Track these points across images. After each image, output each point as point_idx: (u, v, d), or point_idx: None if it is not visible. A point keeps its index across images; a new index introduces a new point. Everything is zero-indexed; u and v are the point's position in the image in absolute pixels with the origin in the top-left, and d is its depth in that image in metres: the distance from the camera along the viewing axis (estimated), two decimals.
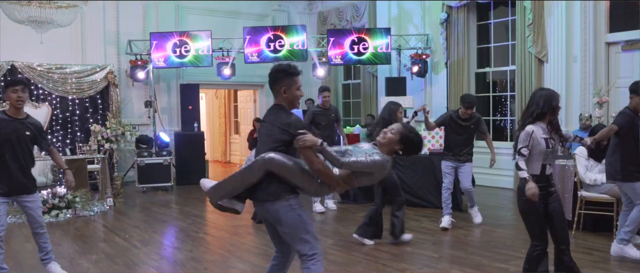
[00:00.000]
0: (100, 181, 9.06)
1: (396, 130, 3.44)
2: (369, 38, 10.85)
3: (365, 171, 3.25)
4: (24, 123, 4.63)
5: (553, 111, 4.00)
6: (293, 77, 3.38)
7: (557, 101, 4.00)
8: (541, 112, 3.97)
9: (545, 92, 4.06)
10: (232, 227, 7.16)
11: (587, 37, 8.50)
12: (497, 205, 8.41)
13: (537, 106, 3.98)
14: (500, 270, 4.95)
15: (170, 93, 12.23)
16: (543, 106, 3.96)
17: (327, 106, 7.90)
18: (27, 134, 4.61)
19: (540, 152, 3.96)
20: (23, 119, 4.65)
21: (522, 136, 3.96)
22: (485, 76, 10.57)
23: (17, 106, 4.57)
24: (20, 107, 4.59)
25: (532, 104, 4.03)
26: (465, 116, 6.53)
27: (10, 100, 4.55)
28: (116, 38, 11.41)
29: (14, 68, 10.02)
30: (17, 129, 4.55)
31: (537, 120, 3.98)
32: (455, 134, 6.61)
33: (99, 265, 5.37)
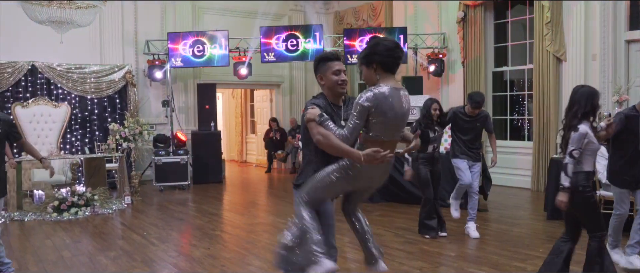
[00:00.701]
0: (119, 179, 9.16)
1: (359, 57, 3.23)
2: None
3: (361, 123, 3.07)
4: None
5: (594, 110, 3.98)
6: (326, 62, 3.30)
7: (598, 99, 3.99)
8: (585, 111, 3.94)
9: (586, 89, 4.03)
10: (248, 225, 7.20)
11: (606, 35, 8.40)
12: (515, 204, 8.35)
13: (579, 105, 3.96)
14: (517, 269, 4.92)
15: (187, 93, 12.32)
16: (585, 105, 3.94)
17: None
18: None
19: (593, 151, 3.98)
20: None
21: (576, 137, 3.89)
22: (502, 75, 10.50)
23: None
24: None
25: (575, 103, 3.99)
26: (472, 114, 6.40)
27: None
28: (134, 38, 11.52)
29: (35, 68, 10.17)
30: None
31: (584, 119, 3.95)
32: (460, 132, 6.37)
33: (117, 262, 5.43)
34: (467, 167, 6.37)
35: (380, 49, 3.04)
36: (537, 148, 9.28)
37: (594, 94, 3.98)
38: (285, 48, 10.96)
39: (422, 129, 6.10)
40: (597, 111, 4.04)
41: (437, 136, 6.30)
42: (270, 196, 10.02)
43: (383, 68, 3.07)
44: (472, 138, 6.41)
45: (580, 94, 3.99)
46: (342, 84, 3.28)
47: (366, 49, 3.13)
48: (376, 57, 3.06)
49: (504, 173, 9.79)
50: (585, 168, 3.99)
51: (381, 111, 3.01)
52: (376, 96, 3.00)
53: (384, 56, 3.04)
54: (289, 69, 13.59)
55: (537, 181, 9.28)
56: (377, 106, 3.00)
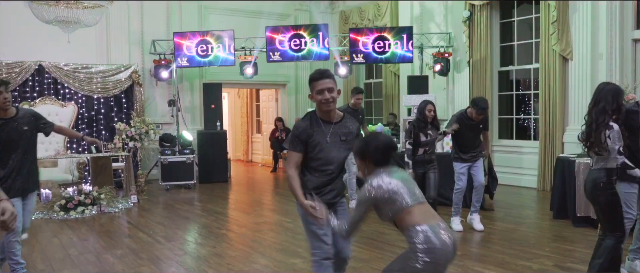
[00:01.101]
0: (125, 178, 9.19)
1: (354, 152, 3.20)
2: (390, 37, 10.84)
3: (361, 214, 3.05)
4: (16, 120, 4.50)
5: (619, 108, 3.98)
6: (312, 82, 3.45)
7: (622, 97, 3.99)
8: (613, 108, 3.94)
9: (611, 87, 4.03)
10: (254, 224, 7.21)
11: (613, 34, 8.36)
12: (521, 204, 8.33)
13: (607, 102, 3.95)
14: (523, 267, 4.91)
15: (193, 92, 12.35)
16: (612, 102, 3.94)
17: (358, 107, 8.01)
18: (25, 130, 4.53)
19: (622, 148, 3.98)
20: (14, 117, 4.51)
21: (616, 135, 3.92)
22: (508, 74, 10.47)
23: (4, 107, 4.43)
24: (7, 108, 4.44)
25: (601, 99, 3.98)
26: (476, 119, 6.42)
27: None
28: (140, 38, 11.56)
29: (42, 68, 10.23)
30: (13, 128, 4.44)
31: (614, 116, 3.96)
32: (464, 135, 6.44)
33: (124, 260, 5.45)
34: (466, 172, 6.46)
35: (371, 149, 3.04)
36: (543, 147, 9.26)
37: (620, 93, 3.99)
38: (290, 48, 10.97)
39: (414, 131, 6.09)
40: (621, 110, 4.02)
41: (430, 141, 6.27)
42: (275, 196, 10.03)
43: (374, 164, 3.04)
44: (473, 139, 6.48)
45: (606, 92, 3.98)
46: (325, 102, 3.40)
47: (361, 144, 3.14)
48: (368, 155, 3.07)
49: (510, 172, 9.78)
50: (608, 164, 3.99)
51: (386, 199, 2.93)
52: (376, 188, 2.94)
53: (374, 155, 3.04)
54: (294, 69, 13.61)
55: (543, 181, 9.25)
56: (380, 196, 2.94)
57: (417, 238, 2.81)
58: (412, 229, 2.85)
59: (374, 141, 3.07)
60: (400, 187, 2.90)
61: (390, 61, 11.16)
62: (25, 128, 4.53)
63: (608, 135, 3.91)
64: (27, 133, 4.55)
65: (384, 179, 2.92)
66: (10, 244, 4.44)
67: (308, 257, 5.43)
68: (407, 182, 2.97)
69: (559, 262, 5.00)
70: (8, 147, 4.43)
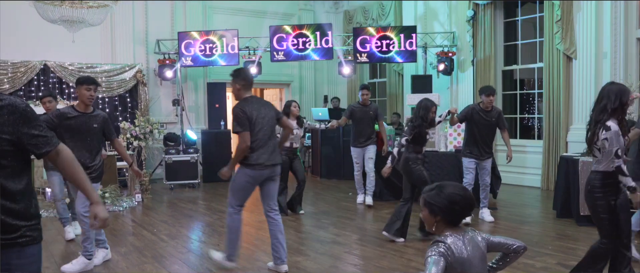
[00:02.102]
0: (129, 177, 9.23)
1: (421, 204, 2.62)
2: (394, 36, 10.84)
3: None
4: (91, 116, 5.02)
5: (623, 107, 3.90)
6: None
7: (627, 97, 3.90)
8: (614, 107, 3.86)
9: (616, 87, 3.96)
10: (258, 222, 7.23)
11: (617, 33, 8.35)
12: (524, 203, 8.32)
13: (609, 100, 3.88)
14: (525, 265, 4.91)
15: (197, 92, 12.39)
16: (614, 101, 3.86)
17: (367, 103, 8.08)
18: (94, 127, 5.00)
19: (623, 150, 3.89)
20: (90, 113, 5.02)
21: (613, 136, 3.79)
22: (512, 73, 10.46)
23: (87, 103, 4.94)
24: (88, 104, 4.97)
25: (603, 98, 3.92)
26: (488, 106, 6.50)
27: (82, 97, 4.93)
28: (145, 37, 11.61)
29: (47, 67, 10.28)
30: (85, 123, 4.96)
31: (612, 116, 3.87)
32: (478, 128, 6.58)
33: (128, 258, 5.48)
34: (474, 168, 6.54)
35: (449, 205, 2.51)
36: (547, 146, 9.24)
37: (624, 92, 3.89)
38: (294, 47, 10.99)
39: (418, 130, 5.95)
40: (626, 109, 3.94)
41: (428, 141, 6.32)
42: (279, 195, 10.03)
43: (446, 223, 2.56)
44: (487, 135, 6.58)
45: (608, 90, 3.92)
46: None
47: (435, 195, 2.57)
48: (441, 212, 2.55)
49: (513, 171, 9.77)
50: (601, 167, 3.90)
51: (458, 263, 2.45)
52: (451, 252, 2.43)
53: (451, 214, 2.54)
54: (298, 69, 13.63)
55: (547, 180, 9.24)
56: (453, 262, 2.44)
57: None
58: None
59: (440, 194, 2.52)
60: (474, 260, 2.45)
61: (394, 60, 11.16)
62: (95, 126, 4.99)
63: (605, 136, 3.81)
64: (96, 130, 5.03)
65: (459, 244, 2.44)
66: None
67: (311, 255, 5.46)
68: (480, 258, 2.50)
69: (562, 260, 5.00)
70: (74, 138, 4.88)
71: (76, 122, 4.90)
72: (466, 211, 2.52)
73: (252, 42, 11.36)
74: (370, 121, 8.11)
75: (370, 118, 8.10)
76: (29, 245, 2.24)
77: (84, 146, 4.93)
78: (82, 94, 4.88)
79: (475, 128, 6.60)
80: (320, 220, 7.24)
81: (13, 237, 2.18)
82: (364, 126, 8.07)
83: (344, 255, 5.42)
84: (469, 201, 2.52)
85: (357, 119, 8.06)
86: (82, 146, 4.90)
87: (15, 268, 2.20)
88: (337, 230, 6.59)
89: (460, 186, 2.60)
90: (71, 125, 4.89)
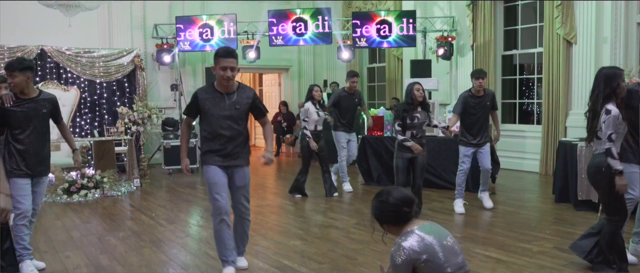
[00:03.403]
0: (128, 162, 9.22)
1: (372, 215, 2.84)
2: (394, 21, 10.78)
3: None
4: (37, 100, 4.51)
5: (614, 91, 3.92)
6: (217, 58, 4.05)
7: (617, 82, 3.92)
8: (605, 95, 3.91)
9: (605, 72, 4.01)
10: (255, 207, 7.22)
11: (617, 17, 8.29)
12: (523, 188, 8.32)
13: (599, 89, 3.94)
14: (523, 249, 4.91)
15: (195, 76, 12.34)
16: (604, 88, 3.92)
17: (353, 90, 7.99)
18: (43, 112, 4.54)
19: (622, 133, 3.95)
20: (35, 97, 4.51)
21: (611, 120, 3.84)
22: (512, 58, 10.42)
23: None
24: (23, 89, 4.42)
25: (596, 87, 3.98)
26: (480, 90, 6.41)
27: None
28: (142, 22, 11.53)
29: (44, 52, 10.22)
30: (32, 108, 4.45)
31: (607, 101, 3.91)
32: (472, 115, 6.46)
33: (126, 242, 5.49)
34: (470, 156, 6.49)
35: (387, 212, 2.74)
36: (546, 131, 9.23)
37: (613, 76, 3.92)
38: (293, 32, 10.92)
39: (403, 114, 5.97)
40: (619, 92, 3.96)
41: (418, 123, 6.03)
42: (278, 179, 10.06)
43: (396, 224, 2.75)
44: (482, 120, 6.47)
45: (598, 78, 3.98)
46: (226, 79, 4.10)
47: (374, 209, 2.82)
48: (386, 219, 2.77)
49: (512, 156, 9.77)
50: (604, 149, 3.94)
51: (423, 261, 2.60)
52: (409, 251, 2.60)
53: (392, 217, 2.74)
54: (297, 53, 13.57)
55: (546, 165, 9.24)
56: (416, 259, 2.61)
57: None
58: None
59: (387, 203, 2.72)
60: (436, 245, 2.58)
61: (393, 45, 11.11)
62: (43, 111, 4.53)
63: (604, 120, 3.87)
64: (45, 115, 4.56)
65: (416, 238, 2.59)
66: (18, 228, 4.39)
67: (309, 239, 5.47)
68: (442, 240, 2.63)
69: (559, 244, 5.00)
70: (23, 126, 4.42)
71: (22, 109, 4.40)
72: (407, 207, 2.68)
73: (250, 26, 11.29)
74: (355, 108, 8.12)
75: (355, 105, 8.08)
76: None
77: (31, 133, 4.46)
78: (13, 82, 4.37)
79: (470, 114, 6.48)
80: (318, 205, 7.25)
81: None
82: (350, 113, 8.00)
83: (341, 239, 5.43)
84: (404, 198, 2.70)
85: (344, 108, 7.94)
86: (33, 135, 4.47)
87: None
88: (334, 215, 6.59)
89: (392, 189, 2.79)
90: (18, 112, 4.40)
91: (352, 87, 8.01)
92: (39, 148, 4.52)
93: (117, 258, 4.91)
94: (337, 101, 7.96)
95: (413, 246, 2.56)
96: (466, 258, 2.76)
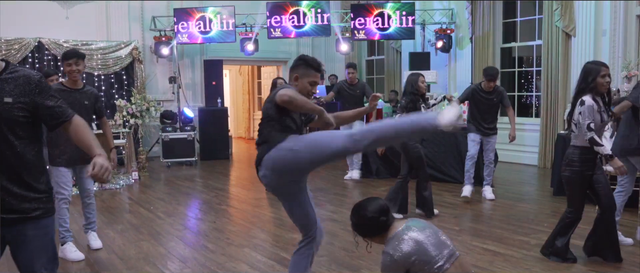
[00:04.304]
0: (126, 155, 9.20)
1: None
2: (392, 13, 10.75)
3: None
4: (82, 92, 4.74)
5: (594, 86, 4.03)
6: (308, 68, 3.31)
7: (593, 76, 4.03)
8: (580, 88, 4.07)
9: (584, 67, 4.14)
10: (254, 199, 7.24)
11: (616, 10, 8.27)
12: (521, 180, 8.33)
13: (578, 83, 4.13)
14: (521, 242, 4.92)
15: (194, 69, 12.31)
16: (581, 81, 4.09)
17: (354, 81, 8.05)
18: (85, 104, 4.72)
19: (595, 125, 4.00)
20: (80, 89, 4.75)
21: (586, 110, 3.97)
22: (511, 51, 10.40)
23: (72, 78, 4.67)
24: (76, 79, 4.69)
25: (578, 82, 4.15)
26: (489, 89, 6.51)
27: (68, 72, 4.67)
28: (140, 14, 11.49)
29: (41, 45, 10.18)
30: (76, 99, 4.64)
31: (582, 94, 4.05)
32: (478, 108, 6.63)
33: (124, 235, 5.49)
34: (478, 141, 6.58)
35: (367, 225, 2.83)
36: (544, 124, 9.23)
37: (591, 71, 4.07)
38: (292, 24, 10.89)
39: (412, 105, 5.97)
40: (604, 86, 4.05)
41: None
42: None
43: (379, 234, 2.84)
44: (489, 114, 6.58)
45: (580, 73, 4.16)
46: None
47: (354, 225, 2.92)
48: (368, 232, 2.87)
49: (511, 149, 9.74)
50: (578, 142, 4.08)
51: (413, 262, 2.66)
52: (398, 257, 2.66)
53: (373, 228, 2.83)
54: (296, 46, 13.51)
55: (544, 158, 9.24)
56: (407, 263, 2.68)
57: None
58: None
59: (365, 217, 2.79)
60: (424, 241, 2.64)
61: (392, 37, 11.09)
62: (85, 103, 4.72)
63: (579, 110, 4.00)
64: (87, 107, 4.73)
65: (405, 242, 2.64)
66: (61, 210, 4.63)
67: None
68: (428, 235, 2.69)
69: None
70: None
71: (66, 99, 4.68)
72: (384, 216, 2.75)
73: (249, 18, 11.25)
74: (358, 99, 8.10)
75: (357, 96, 8.10)
76: (43, 217, 2.35)
77: None
78: (70, 70, 4.61)
79: (476, 107, 6.65)
80: (316, 198, 7.22)
81: (29, 209, 2.30)
82: (352, 105, 7.92)
83: (340, 232, 5.43)
84: (380, 208, 2.76)
85: (345, 98, 8.09)
86: None
87: (31, 239, 2.33)
88: (333, 207, 6.59)
89: (365, 203, 2.84)
90: None
91: (352, 78, 8.05)
92: None
93: (116, 251, 4.91)
94: (339, 90, 8.17)
95: (404, 251, 2.62)
96: (464, 251, 2.77)
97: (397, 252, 2.62)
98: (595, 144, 3.93)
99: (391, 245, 2.66)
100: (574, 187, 4.15)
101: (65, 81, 4.78)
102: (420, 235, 2.64)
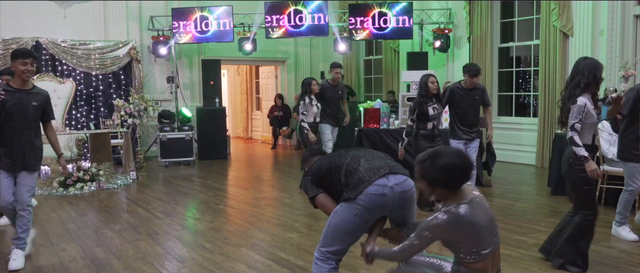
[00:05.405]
0: (124, 155, 9.19)
1: (416, 175, 2.60)
2: (390, 13, 10.75)
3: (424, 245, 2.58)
4: (30, 93, 4.48)
5: (596, 82, 3.96)
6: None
7: (600, 72, 3.97)
8: (587, 82, 3.93)
9: (589, 62, 4.01)
10: (252, 199, 7.24)
11: (614, 10, 8.27)
12: (519, 180, 8.34)
13: (582, 76, 3.95)
14: (518, 241, 4.93)
15: (192, 69, 12.30)
16: (588, 76, 3.93)
17: (336, 82, 7.93)
18: (33, 105, 4.47)
19: (592, 124, 3.99)
20: (29, 90, 4.49)
21: (575, 110, 3.88)
22: (508, 51, 10.40)
23: (24, 78, 4.40)
24: (27, 79, 4.42)
25: (577, 74, 3.98)
26: (471, 85, 6.40)
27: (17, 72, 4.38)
28: (138, 14, 11.47)
29: (39, 44, 10.15)
30: (22, 100, 4.41)
31: (585, 91, 3.94)
32: (461, 109, 6.43)
33: (122, 235, 5.48)
34: (463, 149, 6.46)
35: (449, 174, 2.49)
36: (542, 124, 9.24)
37: (597, 66, 3.96)
38: (290, 23, 10.88)
39: (419, 107, 6.02)
40: (599, 83, 4.02)
41: (436, 114, 6.16)
42: (275, 172, 10.06)
43: (450, 190, 2.54)
44: (470, 113, 6.42)
45: (583, 66, 3.98)
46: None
47: (429, 167, 2.51)
48: (443, 183, 2.51)
49: (508, 149, 9.78)
50: (584, 140, 3.99)
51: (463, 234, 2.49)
52: (455, 218, 2.44)
53: (452, 182, 2.52)
54: (294, 46, 13.53)
55: (542, 158, 9.25)
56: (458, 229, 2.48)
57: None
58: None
59: (448, 166, 2.46)
60: (489, 225, 2.50)
61: (389, 37, 11.09)
62: (34, 104, 4.48)
63: (569, 109, 3.92)
64: (35, 108, 4.49)
65: (477, 207, 2.47)
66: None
67: (305, 232, 5.47)
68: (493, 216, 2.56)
69: None
70: (10, 118, 4.38)
71: (12, 99, 4.36)
72: (464, 177, 2.49)
73: (247, 18, 11.24)
74: (339, 100, 8.01)
75: (339, 97, 7.97)
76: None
77: (18, 126, 4.44)
78: (24, 70, 4.33)
79: (458, 108, 6.43)
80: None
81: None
82: (334, 105, 7.88)
83: None
84: (466, 166, 2.49)
85: (327, 100, 7.78)
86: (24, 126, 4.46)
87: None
88: None
89: (454, 152, 2.59)
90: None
91: (336, 78, 7.92)
92: (24, 141, 4.48)
93: (113, 251, 4.91)
94: (321, 92, 7.76)
95: (475, 221, 2.42)
96: None
97: (469, 216, 2.40)
98: (574, 144, 3.89)
99: (464, 207, 2.42)
100: (584, 186, 4.00)
101: (12, 80, 4.46)
102: (491, 213, 2.55)
